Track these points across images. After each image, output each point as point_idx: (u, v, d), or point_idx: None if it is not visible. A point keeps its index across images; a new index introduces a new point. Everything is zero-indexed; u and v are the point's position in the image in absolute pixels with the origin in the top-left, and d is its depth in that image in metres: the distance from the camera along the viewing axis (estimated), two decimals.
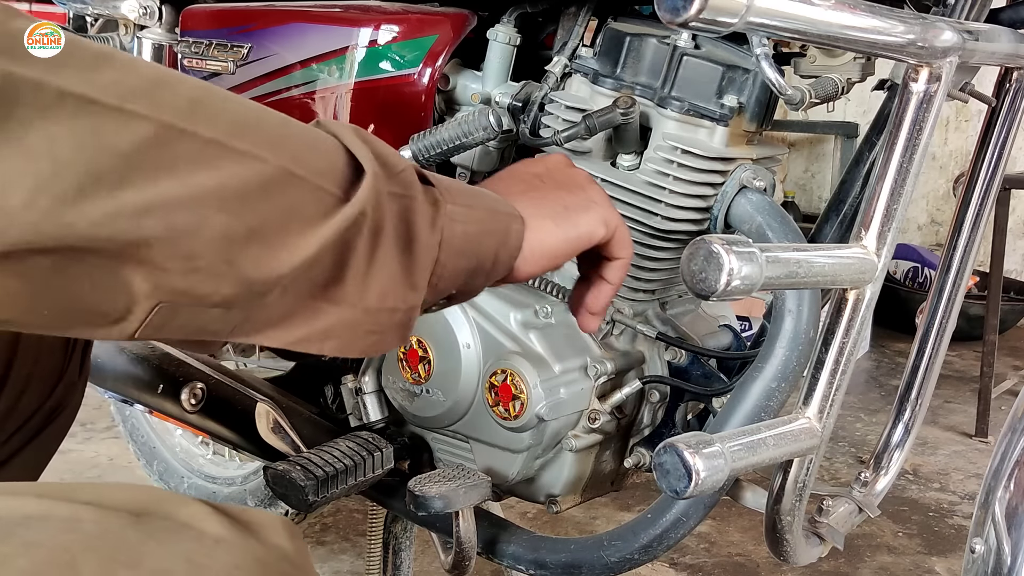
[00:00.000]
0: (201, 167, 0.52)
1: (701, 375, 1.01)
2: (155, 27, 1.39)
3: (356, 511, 2.07)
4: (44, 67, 0.50)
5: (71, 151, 0.48)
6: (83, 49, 0.51)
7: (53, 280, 0.50)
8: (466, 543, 1.00)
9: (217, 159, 0.53)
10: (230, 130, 0.54)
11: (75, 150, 0.48)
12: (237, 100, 0.57)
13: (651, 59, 0.96)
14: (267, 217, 0.55)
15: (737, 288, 0.64)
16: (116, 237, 0.50)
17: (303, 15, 1.15)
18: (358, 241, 0.59)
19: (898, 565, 2.01)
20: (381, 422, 1.09)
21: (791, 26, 0.64)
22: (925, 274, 3.95)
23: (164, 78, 0.53)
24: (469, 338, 1.00)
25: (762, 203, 0.93)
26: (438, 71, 1.07)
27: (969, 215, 0.99)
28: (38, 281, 0.50)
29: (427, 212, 0.63)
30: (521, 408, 0.96)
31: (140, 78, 0.52)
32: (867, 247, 0.79)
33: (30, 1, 3.52)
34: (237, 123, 0.55)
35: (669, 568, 1.93)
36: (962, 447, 2.69)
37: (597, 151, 0.99)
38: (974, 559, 0.89)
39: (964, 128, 4.50)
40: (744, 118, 0.95)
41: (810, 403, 0.82)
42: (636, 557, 0.96)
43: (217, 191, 0.53)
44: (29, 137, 0.48)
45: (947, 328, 1.01)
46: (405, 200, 0.62)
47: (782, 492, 0.87)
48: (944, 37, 0.75)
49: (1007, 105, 0.96)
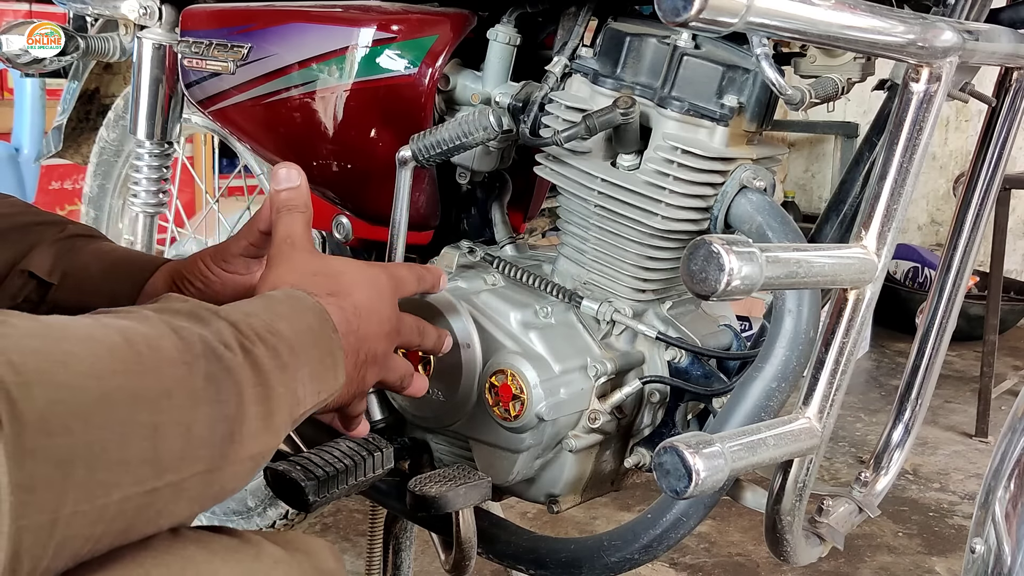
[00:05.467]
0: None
1: (701, 375, 1.01)
2: (155, 27, 1.40)
3: (356, 511, 2.08)
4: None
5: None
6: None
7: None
8: (466, 543, 1.00)
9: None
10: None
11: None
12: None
13: (651, 59, 0.96)
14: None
15: (737, 288, 0.64)
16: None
17: (303, 15, 1.15)
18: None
19: (898, 565, 2.01)
20: (381, 422, 1.09)
21: (791, 26, 0.64)
22: (925, 274, 3.95)
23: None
24: (469, 338, 1.00)
25: (762, 203, 0.93)
26: (438, 71, 1.07)
27: (969, 215, 0.99)
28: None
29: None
30: (521, 408, 0.96)
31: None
32: (867, 247, 0.79)
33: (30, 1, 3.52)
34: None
35: (669, 568, 1.93)
36: (962, 447, 2.69)
37: (597, 151, 0.99)
38: (974, 559, 0.89)
39: (964, 128, 4.50)
40: (744, 118, 0.95)
41: (810, 403, 0.82)
42: (636, 557, 0.96)
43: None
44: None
45: (947, 328, 1.01)
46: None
47: (782, 492, 0.87)
48: (944, 37, 0.75)
49: (1007, 105, 0.96)
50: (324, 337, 0.71)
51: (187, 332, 0.58)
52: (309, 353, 0.68)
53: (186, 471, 0.54)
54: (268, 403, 0.61)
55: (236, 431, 0.58)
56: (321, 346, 0.70)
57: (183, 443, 0.54)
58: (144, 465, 0.52)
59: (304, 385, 0.66)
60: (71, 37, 1.43)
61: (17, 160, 3.13)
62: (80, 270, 0.89)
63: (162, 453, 0.53)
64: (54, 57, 1.43)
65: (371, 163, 1.12)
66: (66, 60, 1.45)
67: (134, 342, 0.53)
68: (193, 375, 0.55)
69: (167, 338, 0.56)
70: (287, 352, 0.65)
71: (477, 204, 1.18)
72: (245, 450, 0.59)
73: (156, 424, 0.52)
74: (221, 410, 0.57)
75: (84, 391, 0.49)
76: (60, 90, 2.03)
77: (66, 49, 1.43)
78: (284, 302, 0.71)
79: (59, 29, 1.42)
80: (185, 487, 0.55)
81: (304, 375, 0.67)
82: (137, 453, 0.51)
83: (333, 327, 0.73)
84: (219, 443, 0.57)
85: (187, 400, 0.54)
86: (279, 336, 0.65)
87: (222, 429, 0.57)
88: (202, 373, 0.56)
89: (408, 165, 1.03)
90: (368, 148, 1.12)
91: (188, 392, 0.55)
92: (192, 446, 0.55)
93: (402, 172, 1.03)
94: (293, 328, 0.68)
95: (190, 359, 0.56)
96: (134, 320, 0.57)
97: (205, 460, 0.56)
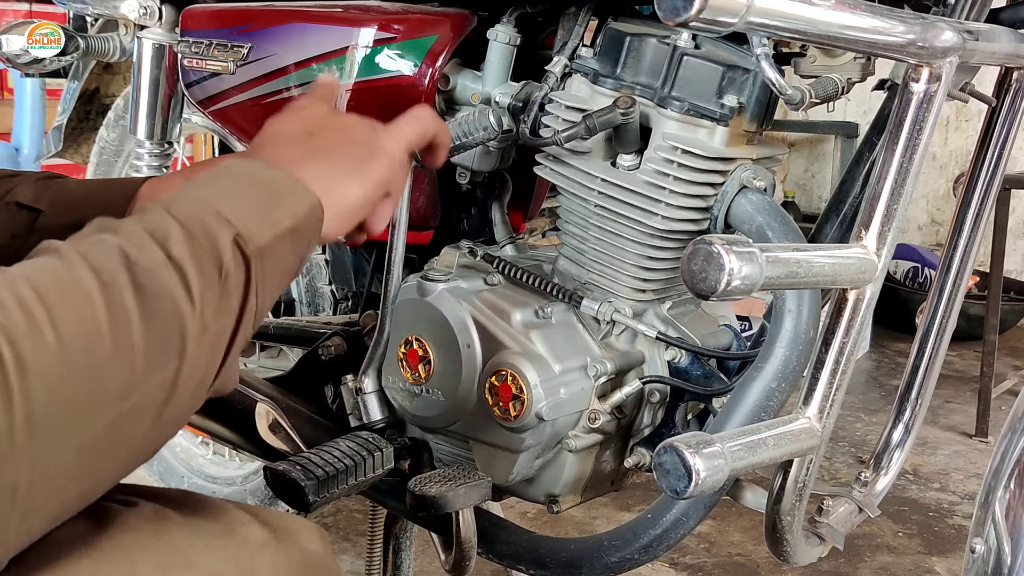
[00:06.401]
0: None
1: (701, 375, 1.01)
2: (155, 27, 1.40)
3: (356, 511, 2.08)
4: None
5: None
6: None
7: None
8: (466, 543, 1.00)
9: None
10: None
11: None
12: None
13: (651, 59, 0.96)
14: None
15: (737, 288, 0.64)
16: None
17: (303, 15, 1.15)
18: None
19: (898, 565, 2.01)
20: (381, 422, 1.09)
21: (791, 26, 0.64)
22: (925, 274, 3.95)
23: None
24: (469, 338, 1.00)
25: (762, 203, 0.93)
26: (438, 71, 1.07)
27: (969, 215, 0.99)
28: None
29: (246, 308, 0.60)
30: (521, 408, 0.96)
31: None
32: (867, 247, 0.79)
33: (30, 1, 3.52)
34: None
35: (669, 568, 1.93)
36: (962, 447, 2.70)
37: (597, 151, 0.99)
38: (974, 559, 0.89)
39: (964, 128, 4.50)
40: (744, 118, 0.95)
41: (810, 403, 0.82)
42: (636, 557, 0.96)
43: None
44: None
45: (947, 328, 1.01)
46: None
47: (782, 492, 0.87)
48: (944, 37, 0.75)
49: (1007, 105, 0.96)
50: (252, 176, 0.66)
51: (100, 249, 0.54)
52: (234, 195, 0.63)
53: (141, 389, 0.53)
54: (201, 274, 0.57)
55: (181, 325, 0.55)
56: (253, 185, 0.65)
57: (129, 365, 0.52)
58: (93, 406, 0.50)
59: (245, 225, 0.61)
60: (71, 37, 1.43)
61: (17, 160, 3.13)
62: (66, 195, 0.87)
63: (107, 387, 0.51)
64: (54, 57, 1.43)
65: None
66: (66, 60, 1.45)
67: (44, 290, 0.50)
68: (118, 293, 0.53)
69: (80, 268, 0.53)
70: (201, 208, 0.60)
71: (477, 204, 1.18)
72: (196, 340, 0.56)
73: (92, 363, 0.50)
74: (158, 314, 0.54)
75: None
76: (60, 90, 2.03)
77: (66, 49, 1.43)
78: (207, 171, 0.66)
79: (59, 29, 1.42)
80: (144, 403, 0.53)
81: (240, 216, 0.61)
82: (81, 398, 0.50)
83: (263, 164, 0.67)
84: (169, 344, 0.54)
85: (118, 322, 0.52)
86: (192, 202, 0.60)
87: (167, 331, 0.54)
88: (127, 286, 0.53)
89: (408, 165, 1.03)
90: None
91: (118, 313, 0.52)
92: (139, 363, 0.52)
93: None
94: (213, 186, 0.63)
95: (109, 278, 0.53)
96: (47, 261, 0.53)
97: (159, 368, 0.53)
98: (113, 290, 0.52)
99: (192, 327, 0.55)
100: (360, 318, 1.20)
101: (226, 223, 0.60)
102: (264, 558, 0.59)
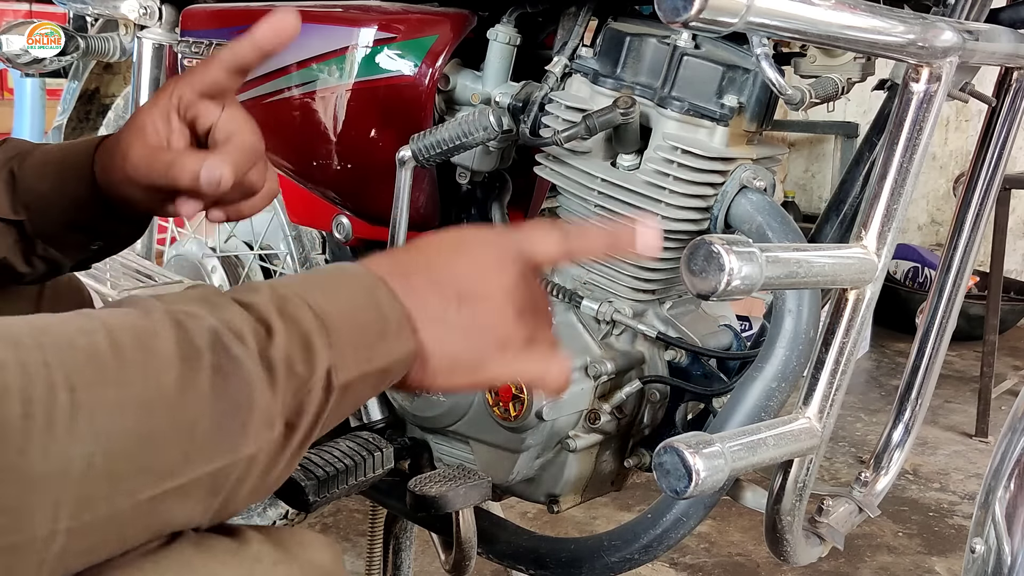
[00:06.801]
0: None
1: (701, 375, 1.01)
2: (155, 27, 1.40)
3: (356, 511, 2.08)
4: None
5: None
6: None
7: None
8: (466, 543, 1.00)
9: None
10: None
11: None
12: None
13: (651, 59, 0.96)
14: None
15: (737, 288, 0.64)
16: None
17: (303, 15, 1.14)
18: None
19: (898, 565, 2.01)
20: (381, 422, 1.09)
21: (791, 26, 0.64)
22: (925, 274, 3.95)
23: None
24: None
25: (762, 203, 0.93)
26: (438, 71, 1.07)
27: (969, 215, 0.99)
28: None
29: (319, 403, 0.58)
30: (521, 408, 0.96)
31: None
32: (867, 247, 0.79)
33: (30, 1, 3.52)
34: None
35: (669, 568, 1.93)
36: (962, 447, 2.69)
37: (597, 151, 0.99)
38: (974, 559, 0.89)
39: (964, 128, 4.50)
40: (744, 118, 0.95)
41: (810, 403, 0.82)
42: (636, 557, 0.96)
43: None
44: None
45: (947, 328, 1.01)
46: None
47: (782, 492, 0.87)
48: (944, 37, 0.75)
49: (1007, 105, 0.96)
50: (370, 301, 0.61)
51: (193, 323, 0.54)
52: (345, 319, 0.59)
53: (191, 472, 0.52)
54: (287, 385, 0.56)
55: (248, 422, 0.54)
56: (367, 311, 0.60)
57: (185, 445, 0.52)
58: (139, 474, 0.50)
59: (342, 356, 0.58)
60: (71, 37, 1.43)
61: None
62: (36, 197, 0.84)
63: (157, 460, 0.51)
64: (54, 57, 1.43)
65: (371, 163, 1.12)
66: (66, 60, 1.45)
67: (121, 346, 0.50)
68: (196, 370, 0.52)
69: (164, 334, 0.52)
70: (312, 324, 0.57)
71: (477, 204, 1.18)
72: (261, 441, 0.55)
73: (148, 431, 0.50)
74: (230, 403, 0.53)
75: (55, 404, 0.46)
76: (60, 90, 2.03)
77: (66, 49, 1.43)
78: (329, 274, 0.63)
79: (59, 29, 1.42)
80: (192, 488, 0.53)
81: (341, 344, 0.58)
82: (127, 463, 0.49)
83: (387, 292, 0.61)
84: (232, 437, 0.53)
85: (188, 399, 0.52)
86: (304, 309, 0.58)
87: (233, 424, 0.53)
88: (208, 367, 0.52)
89: (408, 165, 1.03)
90: (368, 148, 1.12)
91: (189, 390, 0.52)
92: (196, 446, 0.52)
93: (402, 172, 1.03)
94: (328, 299, 0.59)
95: (192, 353, 0.52)
96: (134, 317, 0.53)
97: (215, 458, 0.53)
98: (192, 365, 0.52)
99: (257, 428, 0.54)
100: None
101: (327, 348, 0.57)
102: (279, 574, 0.59)
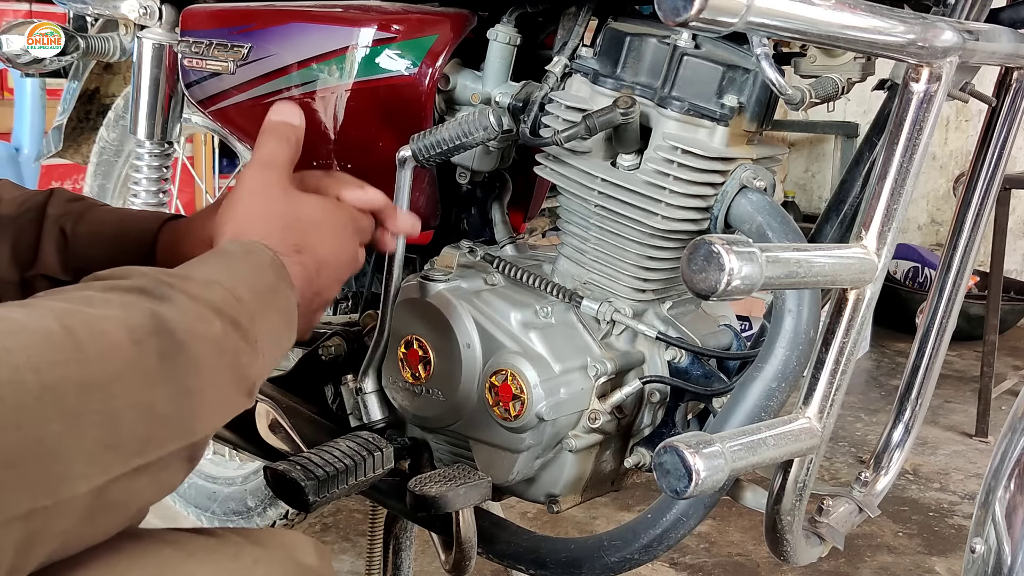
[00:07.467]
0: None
1: (701, 375, 1.01)
2: (155, 27, 1.40)
3: (356, 511, 2.08)
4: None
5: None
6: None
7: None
8: (466, 543, 1.00)
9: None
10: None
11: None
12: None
13: (651, 59, 0.96)
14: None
15: (737, 288, 0.64)
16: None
17: (303, 15, 1.15)
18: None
19: (898, 565, 2.01)
20: (381, 422, 1.09)
21: (791, 26, 0.64)
22: (925, 274, 3.95)
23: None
24: (469, 338, 1.00)
25: (762, 203, 0.93)
26: (438, 71, 1.07)
27: (969, 215, 0.99)
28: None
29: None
30: (521, 408, 0.96)
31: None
32: (867, 247, 0.79)
33: (30, 1, 3.51)
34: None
35: (669, 568, 1.93)
36: (962, 447, 2.70)
37: (597, 151, 0.99)
38: (974, 559, 0.89)
39: (964, 128, 4.50)
40: (744, 118, 0.95)
41: (810, 403, 0.82)
42: (636, 557, 0.96)
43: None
44: None
45: (947, 328, 1.01)
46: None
47: (782, 492, 0.87)
48: (944, 37, 0.75)
49: (1007, 105, 0.96)
50: (283, 297, 0.71)
51: (136, 309, 0.56)
52: (268, 317, 0.68)
53: (154, 452, 0.53)
54: (231, 372, 0.60)
55: (199, 406, 0.56)
56: (280, 308, 0.70)
57: (146, 424, 0.52)
58: (107, 452, 0.50)
59: (265, 348, 0.65)
60: (71, 37, 1.43)
61: (17, 160, 3.13)
62: (88, 262, 0.88)
63: (124, 438, 0.51)
64: (54, 57, 1.43)
65: (371, 163, 1.12)
66: (66, 60, 1.45)
67: (73, 328, 0.51)
68: (144, 355, 0.53)
69: (113, 319, 0.54)
70: (247, 320, 0.64)
71: (477, 204, 1.18)
72: (211, 424, 0.58)
73: (111, 410, 0.50)
74: (181, 386, 0.55)
75: (23, 385, 0.47)
76: (60, 90, 2.03)
77: (66, 49, 1.43)
78: (245, 261, 0.71)
79: (59, 29, 1.42)
80: (154, 469, 0.53)
81: (265, 337, 0.66)
82: (96, 441, 0.50)
83: (290, 284, 0.73)
84: (185, 420, 0.55)
85: (141, 381, 0.53)
86: (241, 304, 0.64)
87: (185, 406, 0.55)
88: (154, 351, 0.54)
89: (408, 165, 1.03)
90: (368, 148, 1.12)
91: (141, 372, 0.53)
92: (157, 426, 0.53)
93: (402, 172, 1.03)
94: (254, 291, 0.67)
95: (141, 337, 0.54)
96: (77, 302, 0.54)
97: (174, 438, 0.54)
98: (141, 349, 0.54)
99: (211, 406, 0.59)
100: (360, 318, 1.20)
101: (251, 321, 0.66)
102: (258, 571, 0.58)
